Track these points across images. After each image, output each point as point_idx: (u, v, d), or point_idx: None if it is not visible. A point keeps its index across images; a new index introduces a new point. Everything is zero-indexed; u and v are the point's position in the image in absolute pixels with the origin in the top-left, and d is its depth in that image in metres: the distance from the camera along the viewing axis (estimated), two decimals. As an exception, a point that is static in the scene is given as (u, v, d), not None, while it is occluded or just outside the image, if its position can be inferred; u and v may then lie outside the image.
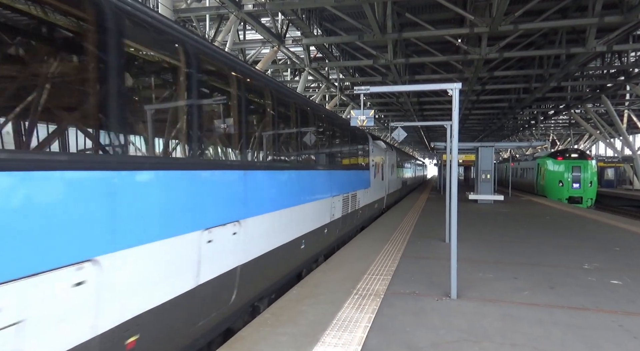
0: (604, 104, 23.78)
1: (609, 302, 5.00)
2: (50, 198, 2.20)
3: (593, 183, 24.27)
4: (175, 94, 3.63)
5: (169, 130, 3.48)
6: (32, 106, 2.36)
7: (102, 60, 2.63)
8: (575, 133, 43.07)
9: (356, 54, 17.21)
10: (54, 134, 2.57)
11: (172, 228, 3.19)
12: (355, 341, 3.80)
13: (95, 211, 2.48)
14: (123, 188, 2.68)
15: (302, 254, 6.51)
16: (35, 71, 2.48)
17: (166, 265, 3.11)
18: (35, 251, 2.10)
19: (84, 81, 2.67)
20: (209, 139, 4.09)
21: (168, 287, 3.13)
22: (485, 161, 19.01)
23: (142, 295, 2.85)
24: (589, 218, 13.60)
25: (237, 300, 4.30)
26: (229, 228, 4.03)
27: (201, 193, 3.61)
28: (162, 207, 3.09)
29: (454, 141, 5.43)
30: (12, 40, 2.33)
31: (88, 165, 2.50)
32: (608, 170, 39.48)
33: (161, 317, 3.04)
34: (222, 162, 4.27)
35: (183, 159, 3.57)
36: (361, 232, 10.47)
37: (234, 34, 12.72)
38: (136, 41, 3.06)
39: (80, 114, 2.71)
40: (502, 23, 11.95)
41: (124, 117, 2.78)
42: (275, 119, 5.64)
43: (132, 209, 2.77)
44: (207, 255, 3.63)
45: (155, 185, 3.04)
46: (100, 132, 2.68)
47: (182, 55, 3.54)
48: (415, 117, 30.07)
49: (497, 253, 7.84)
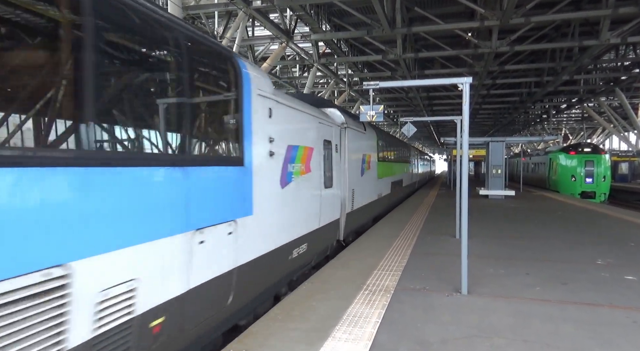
0: (617, 97, 23.38)
1: (622, 298, 4.94)
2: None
3: (606, 177, 23.92)
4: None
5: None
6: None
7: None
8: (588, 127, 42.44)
9: (365, 49, 17.12)
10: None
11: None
12: (366, 337, 3.81)
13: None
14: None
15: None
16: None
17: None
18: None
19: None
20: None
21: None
22: (496, 156, 18.84)
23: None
24: (602, 213, 13.41)
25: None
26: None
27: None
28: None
29: (464, 136, 5.39)
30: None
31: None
32: (622, 164, 38.86)
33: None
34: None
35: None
36: (371, 227, 10.45)
37: (242, 30, 12.74)
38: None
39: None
40: (513, 16, 11.78)
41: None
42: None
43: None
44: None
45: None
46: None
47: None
48: (425, 113, 29.86)
49: (508, 248, 7.78)
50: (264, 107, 4.80)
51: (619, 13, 11.62)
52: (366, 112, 5.79)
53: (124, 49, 3.07)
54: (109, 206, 2.59)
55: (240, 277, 4.13)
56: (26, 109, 2.52)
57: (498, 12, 11.95)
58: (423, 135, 53.02)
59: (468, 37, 14.44)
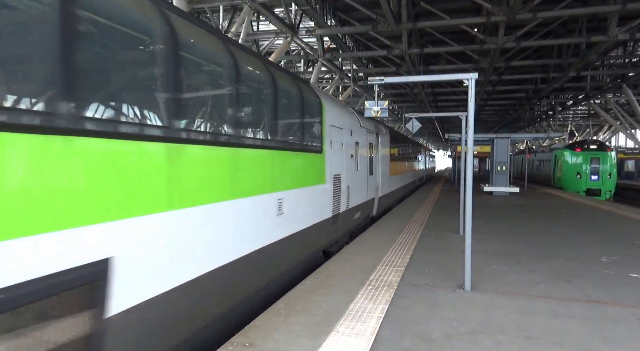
0: (624, 94, 23.14)
1: (627, 296, 4.92)
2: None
3: (612, 175, 23.75)
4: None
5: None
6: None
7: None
8: (595, 124, 42.08)
9: (370, 44, 17.03)
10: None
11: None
12: (369, 332, 3.82)
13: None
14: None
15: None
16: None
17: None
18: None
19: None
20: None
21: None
22: (501, 153, 18.75)
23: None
24: (608, 211, 13.33)
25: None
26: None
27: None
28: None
29: (469, 132, 5.36)
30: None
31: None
32: (628, 162, 38.52)
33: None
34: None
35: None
36: (374, 223, 10.45)
37: (247, 25, 12.70)
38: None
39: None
40: (520, 11, 11.67)
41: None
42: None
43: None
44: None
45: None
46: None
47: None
48: (430, 108, 29.72)
49: (512, 245, 7.76)
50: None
51: (627, 9, 11.49)
52: (371, 108, 5.78)
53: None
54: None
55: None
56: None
57: (505, 8, 11.85)
58: (427, 131, 52.82)
59: (474, 32, 14.33)
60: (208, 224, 3.79)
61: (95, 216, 2.58)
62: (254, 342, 3.61)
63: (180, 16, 3.66)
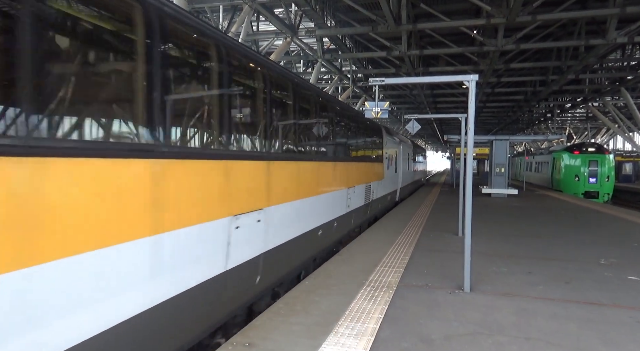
0: (623, 97, 23.20)
1: (626, 298, 4.94)
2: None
3: (610, 177, 23.81)
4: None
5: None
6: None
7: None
8: (593, 127, 42.22)
9: (369, 45, 17.04)
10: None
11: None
12: (368, 332, 3.82)
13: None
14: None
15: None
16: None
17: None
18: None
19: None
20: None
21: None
22: (500, 155, 18.79)
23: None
24: (606, 213, 13.37)
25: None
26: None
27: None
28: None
29: (469, 133, 5.36)
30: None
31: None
32: (626, 165, 38.68)
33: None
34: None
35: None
36: (374, 224, 10.47)
37: (247, 25, 12.72)
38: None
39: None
40: (520, 14, 11.69)
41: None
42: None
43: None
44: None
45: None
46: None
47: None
48: (429, 110, 29.75)
49: (510, 247, 7.77)
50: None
51: (626, 12, 11.52)
52: (371, 109, 5.78)
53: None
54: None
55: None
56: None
57: (504, 10, 11.88)
58: (427, 132, 52.86)
59: (474, 34, 14.36)
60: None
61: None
62: (254, 342, 3.61)
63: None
